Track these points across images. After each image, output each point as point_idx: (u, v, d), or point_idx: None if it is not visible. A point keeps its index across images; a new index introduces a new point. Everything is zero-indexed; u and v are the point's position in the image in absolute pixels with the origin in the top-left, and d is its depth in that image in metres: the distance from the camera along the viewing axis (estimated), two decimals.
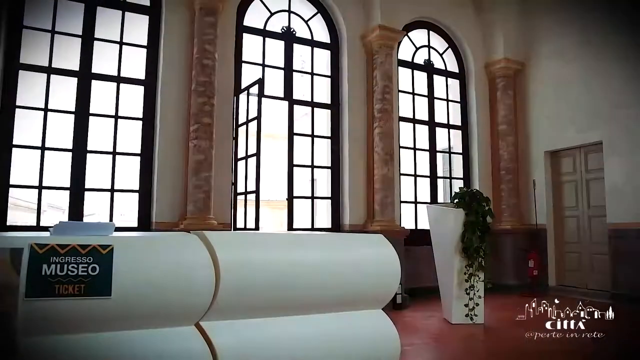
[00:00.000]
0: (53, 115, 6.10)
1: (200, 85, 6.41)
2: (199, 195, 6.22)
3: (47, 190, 6.15)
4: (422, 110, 8.97)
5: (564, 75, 8.42)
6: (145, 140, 6.54)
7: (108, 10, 6.55)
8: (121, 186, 6.53)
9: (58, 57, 6.14)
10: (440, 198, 9.03)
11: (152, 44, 6.73)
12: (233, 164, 6.94)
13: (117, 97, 6.45)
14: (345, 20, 8.12)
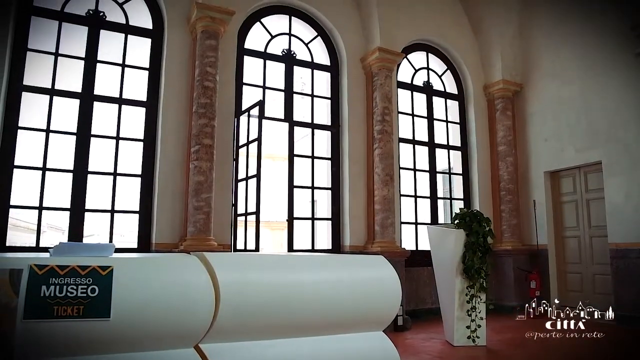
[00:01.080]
0: (55, 136, 6.14)
1: (201, 107, 6.45)
2: (199, 216, 6.21)
3: (47, 211, 6.14)
4: (421, 132, 9.02)
5: (562, 96, 8.49)
6: (146, 162, 6.56)
7: (111, 33, 6.65)
8: (121, 207, 6.53)
9: (61, 78, 6.21)
10: (441, 219, 9.02)
11: (154, 66, 6.80)
12: (233, 185, 6.95)
13: (119, 119, 6.50)
14: (345, 42, 8.22)
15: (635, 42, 7.20)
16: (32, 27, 6.12)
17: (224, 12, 6.74)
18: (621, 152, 7.44)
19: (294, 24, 8.09)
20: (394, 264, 2.69)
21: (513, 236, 8.81)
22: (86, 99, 6.30)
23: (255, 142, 6.48)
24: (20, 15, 6.04)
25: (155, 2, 6.92)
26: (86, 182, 6.14)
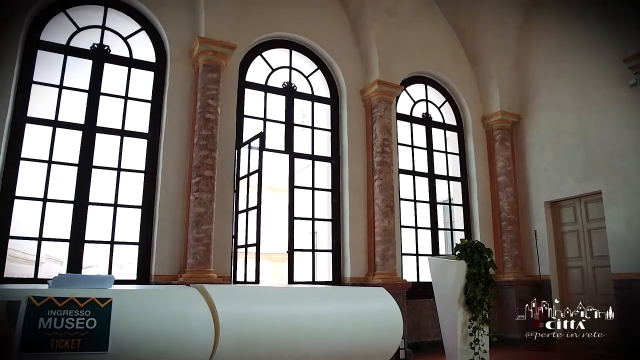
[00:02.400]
0: (56, 167, 6.16)
1: (203, 139, 6.50)
2: (199, 247, 6.18)
3: (46, 242, 6.10)
4: (421, 163, 9.06)
5: (560, 126, 8.57)
6: (146, 193, 6.57)
7: (115, 66, 6.76)
8: (121, 238, 6.49)
9: (64, 110, 6.28)
10: (442, 250, 8.98)
11: (156, 99, 6.89)
12: (234, 216, 6.94)
13: (120, 150, 6.54)
14: (344, 75, 8.34)
15: (629, 74, 7.30)
16: (38, 60, 6.23)
17: (226, 46, 6.87)
18: (620, 181, 7.46)
19: (294, 57, 8.23)
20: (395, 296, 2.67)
21: (515, 267, 8.74)
22: (89, 130, 6.35)
23: (256, 173, 6.50)
24: (28, 49, 6.16)
25: (158, 37, 7.06)
26: (86, 213, 6.13)
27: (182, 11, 7.09)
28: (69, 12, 6.56)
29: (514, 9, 9.14)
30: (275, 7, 7.87)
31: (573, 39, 8.49)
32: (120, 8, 6.87)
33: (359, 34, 8.49)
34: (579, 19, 8.42)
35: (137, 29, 6.99)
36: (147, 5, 6.88)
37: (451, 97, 9.65)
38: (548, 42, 8.98)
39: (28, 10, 6.09)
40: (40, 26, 6.31)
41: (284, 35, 8.06)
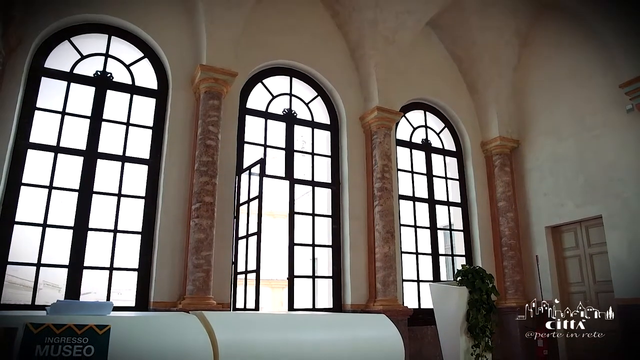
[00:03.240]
0: (57, 193, 6.17)
1: (203, 165, 6.53)
2: (199, 274, 6.14)
3: (44, 268, 6.06)
4: (421, 188, 9.06)
5: (559, 152, 8.62)
6: (146, 219, 6.56)
7: (117, 93, 6.84)
8: (120, 264, 6.46)
9: (66, 136, 6.34)
10: (443, 276, 8.91)
11: (157, 125, 6.94)
12: (234, 242, 6.92)
13: (121, 176, 6.56)
14: (344, 102, 8.42)
15: (625, 99, 7.38)
16: (42, 87, 6.31)
17: (227, 74, 6.96)
18: (620, 206, 7.47)
19: (294, 84, 8.32)
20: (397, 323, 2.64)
21: (517, 293, 8.65)
22: (90, 156, 6.39)
23: (256, 199, 6.51)
24: (32, 76, 6.25)
25: (160, 64, 7.16)
26: (86, 238, 6.11)
27: (184, 39, 7.21)
28: (74, 40, 6.67)
29: (510, 37, 9.29)
30: (276, 36, 8.00)
31: (569, 66, 8.61)
32: (124, 36, 6.99)
33: (358, 62, 8.61)
34: (574, 47, 8.56)
35: (139, 56, 7.10)
36: (150, 34, 7.00)
37: (450, 123, 9.73)
38: (545, 69, 9.10)
39: (34, 39, 6.20)
40: (45, 54, 6.42)
41: (284, 63, 8.17)
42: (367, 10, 8.20)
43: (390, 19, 8.30)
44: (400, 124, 9.00)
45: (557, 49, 8.90)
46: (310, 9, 8.53)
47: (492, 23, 9.02)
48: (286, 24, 8.16)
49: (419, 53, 9.24)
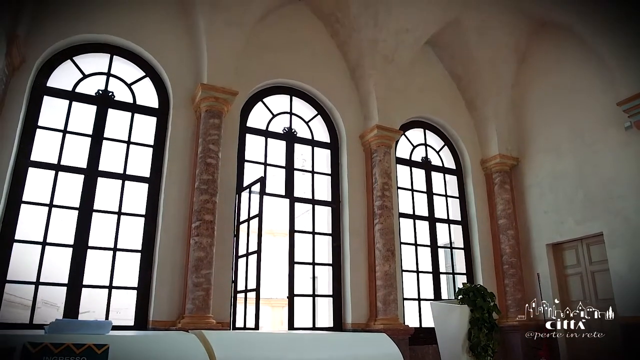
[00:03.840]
0: (57, 211, 6.16)
1: (203, 183, 6.54)
2: (199, 293, 6.11)
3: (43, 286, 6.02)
4: (421, 206, 9.06)
5: (558, 169, 8.63)
6: (146, 237, 6.54)
7: (118, 112, 6.89)
8: (119, 283, 6.42)
9: (67, 154, 6.36)
10: (444, 294, 8.85)
11: (158, 143, 6.97)
12: (234, 261, 6.89)
13: (122, 194, 6.57)
14: (344, 120, 8.47)
15: (623, 116, 7.42)
16: (44, 105, 6.36)
17: (228, 93, 7.02)
18: (621, 223, 7.45)
19: (294, 103, 8.38)
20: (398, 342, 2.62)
21: (519, 311, 8.56)
22: (90, 174, 6.41)
23: (256, 217, 6.50)
24: (34, 95, 6.30)
25: (162, 83, 7.22)
26: (85, 257, 6.10)
27: (186, 58, 7.28)
28: (76, 59, 6.74)
29: (509, 55, 9.37)
30: (277, 55, 8.08)
31: (568, 83, 8.68)
32: (126, 55, 7.07)
33: (358, 81, 8.68)
34: (572, 64, 8.63)
35: (141, 75, 7.16)
36: (152, 53, 7.07)
37: (450, 141, 9.77)
38: (543, 86, 9.17)
39: (37, 58, 6.27)
40: (48, 73, 6.49)
41: (284, 82, 8.23)
42: (366, 29, 8.29)
43: (389, 38, 8.39)
44: (400, 142, 9.04)
45: (555, 66, 8.98)
46: (311, 29, 8.64)
47: (490, 41, 9.12)
48: (286, 43, 8.24)
49: (418, 71, 9.32)
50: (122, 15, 6.95)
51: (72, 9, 6.60)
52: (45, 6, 6.38)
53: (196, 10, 7.12)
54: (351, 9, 8.18)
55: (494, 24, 8.92)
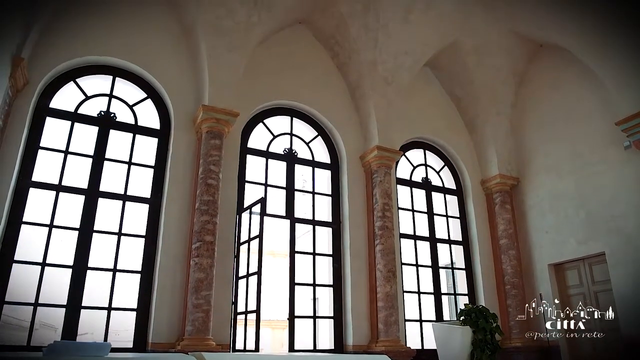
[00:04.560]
0: (57, 231, 6.16)
1: (204, 204, 6.54)
2: (198, 314, 6.06)
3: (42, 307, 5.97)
4: (422, 227, 9.04)
5: (558, 188, 8.64)
6: (146, 258, 6.52)
7: (120, 133, 6.93)
8: (119, 304, 6.37)
9: (68, 175, 6.38)
10: (446, 315, 8.77)
11: (159, 164, 7.00)
12: (234, 282, 6.85)
13: (122, 215, 6.57)
14: (344, 141, 8.52)
15: (622, 136, 7.45)
16: (46, 126, 6.41)
17: (229, 114, 7.07)
18: (623, 242, 7.43)
19: (295, 124, 8.43)
20: None
21: (522, 332, 8.47)
22: (91, 195, 6.42)
23: (257, 238, 6.49)
24: (37, 116, 6.35)
25: (163, 104, 7.28)
26: (85, 278, 6.07)
27: (187, 80, 7.36)
28: (79, 81, 6.82)
29: (507, 77, 9.47)
30: (277, 76, 8.17)
31: (566, 103, 8.75)
32: (128, 77, 7.15)
33: (358, 102, 8.75)
34: (570, 84, 8.72)
35: (143, 97, 7.23)
36: (154, 75, 7.15)
37: (450, 161, 9.80)
38: (542, 106, 9.24)
39: (40, 80, 6.34)
40: (51, 94, 6.56)
41: (285, 103, 8.31)
42: (366, 51, 8.39)
43: (388, 60, 8.49)
44: (400, 163, 9.07)
45: (553, 86, 9.06)
46: (311, 51, 8.75)
47: (489, 63, 9.23)
48: (287, 65, 8.34)
49: (417, 93, 9.41)
50: (125, 37, 7.05)
51: (76, 31, 6.70)
52: (50, 29, 6.47)
53: (198, 34, 7.22)
54: (351, 32, 8.30)
55: (491, 47, 9.05)
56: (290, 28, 8.57)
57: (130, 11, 7.20)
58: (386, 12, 8.15)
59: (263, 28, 7.70)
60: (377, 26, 8.24)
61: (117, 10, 7.09)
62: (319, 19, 8.54)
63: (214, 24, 7.18)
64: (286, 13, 8.10)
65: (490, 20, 8.65)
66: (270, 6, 7.54)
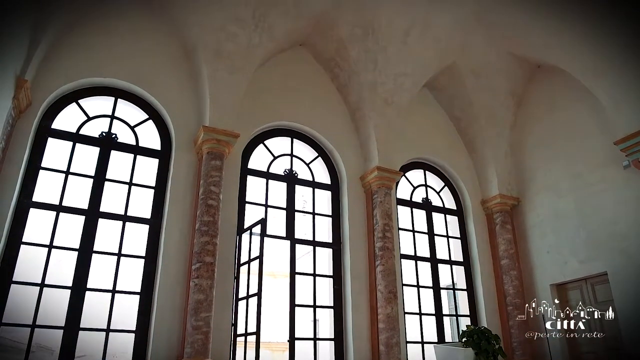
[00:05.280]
0: (56, 252, 6.13)
1: (204, 225, 6.53)
2: (198, 336, 6.00)
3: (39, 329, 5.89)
4: (423, 247, 9.01)
5: (559, 208, 8.63)
6: (146, 279, 6.48)
7: (121, 154, 6.98)
8: (117, 325, 6.30)
9: (69, 195, 6.40)
10: (448, 337, 8.69)
11: (159, 185, 7.02)
12: (233, 303, 6.80)
13: (122, 235, 6.56)
14: (344, 162, 8.55)
15: (621, 155, 7.48)
16: (48, 147, 6.45)
17: (230, 135, 7.12)
18: (625, 262, 7.38)
19: (295, 145, 8.48)
20: None
21: (525, 354, 8.34)
22: (91, 215, 6.42)
23: (257, 259, 6.46)
24: (39, 136, 6.40)
25: (164, 125, 7.34)
26: (84, 299, 6.02)
27: (188, 102, 7.44)
28: (81, 102, 6.89)
29: (506, 98, 9.55)
30: (278, 98, 8.25)
31: (565, 123, 8.80)
32: (130, 99, 7.23)
33: (358, 123, 8.81)
34: (568, 104, 8.79)
35: (144, 118, 7.29)
36: (155, 96, 7.23)
37: (450, 181, 9.81)
38: (541, 126, 9.29)
39: (43, 101, 6.41)
40: (53, 115, 6.62)
41: (285, 124, 8.37)
42: (365, 73, 8.49)
43: (388, 81, 8.59)
44: (400, 183, 9.09)
45: (552, 106, 9.13)
46: (311, 72, 8.85)
47: (487, 84, 9.33)
48: (287, 86, 8.43)
49: (417, 114, 9.48)
50: (127, 60, 7.15)
51: (79, 53, 6.81)
52: (54, 51, 6.56)
53: (199, 57, 7.33)
54: (351, 54, 8.41)
55: (489, 68, 9.16)
56: (291, 50, 8.69)
57: (133, 34, 7.32)
58: (385, 35, 8.28)
59: (264, 50, 7.81)
60: (377, 48, 8.36)
61: (120, 33, 7.22)
62: (319, 41, 8.67)
63: (216, 47, 7.29)
64: (286, 36, 8.22)
65: (488, 42, 8.77)
66: (271, 29, 7.66)
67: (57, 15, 6.18)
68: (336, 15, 8.15)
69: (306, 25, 8.31)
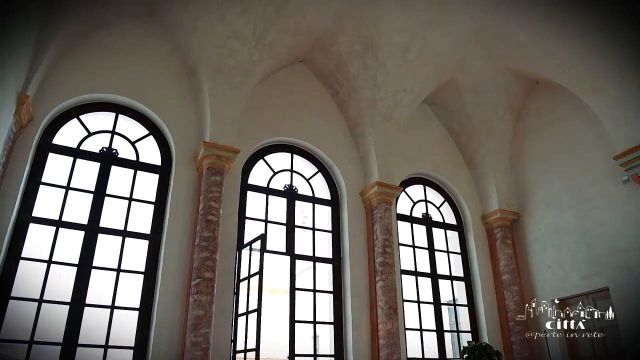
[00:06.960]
0: (55, 267, 6.11)
1: (204, 240, 6.52)
2: (197, 352, 5.94)
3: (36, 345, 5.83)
4: (423, 263, 8.97)
5: (560, 223, 8.61)
6: (145, 294, 6.45)
7: (121, 169, 6.99)
8: (116, 342, 6.24)
9: (69, 210, 6.39)
10: (449, 353, 8.61)
11: (159, 200, 7.02)
12: (233, 319, 6.76)
13: (122, 251, 6.54)
14: (344, 178, 8.56)
15: (621, 170, 7.49)
16: (48, 162, 6.46)
17: (230, 151, 7.15)
18: (627, 276, 7.34)
19: (295, 160, 8.50)
20: None
21: None
22: (91, 231, 6.41)
23: (257, 275, 6.44)
24: (39, 152, 6.42)
25: (165, 141, 7.37)
26: (82, 315, 5.98)
27: (189, 117, 7.48)
28: (82, 117, 6.92)
29: (505, 113, 9.60)
30: (278, 114, 8.30)
31: (564, 138, 8.84)
32: (131, 114, 7.27)
33: (358, 139, 8.85)
34: (567, 119, 8.85)
35: (145, 133, 7.32)
36: (156, 112, 7.28)
37: (450, 197, 9.81)
38: (540, 141, 9.33)
39: (44, 116, 6.45)
40: (54, 131, 6.65)
41: (285, 140, 8.40)
42: (365, 89, 8.55)
43: (387, 97, 8.64)
44: (400, 199, 9.09)
45: (550, 122, 9.18)
46: (311, 89, 8.91)
47: (486, 100, 9.39)
48: (287, 102, 8.48)
49: (416, 129, 9.53)
50: (129, 76, 7.21)
51: (81, 69, 6.87)
52: (56, 67, 6.62)
53: (200, 73, 7.39)
54: (350, 70, 8.48)
55: (488, 84, 9.22)
56: (291, 66, 8.77)
57: (134, 51, 7.39)
58: (384, 51, 8.35)
59: (264, 66, 7.88)
60: (376, 65, 8.43)
61: (122, 49, 7.29)
62: (319, 58, 8.74)
63: (216, 63, 7.35)
64: (287, 52, 8.29)
65: (486, 58, 8.85)
66: (272, 45, 7.73)
67: (59, 32, 6.23)
68: (336, 32, 8.24)
69: (306, 41, 8.39)
